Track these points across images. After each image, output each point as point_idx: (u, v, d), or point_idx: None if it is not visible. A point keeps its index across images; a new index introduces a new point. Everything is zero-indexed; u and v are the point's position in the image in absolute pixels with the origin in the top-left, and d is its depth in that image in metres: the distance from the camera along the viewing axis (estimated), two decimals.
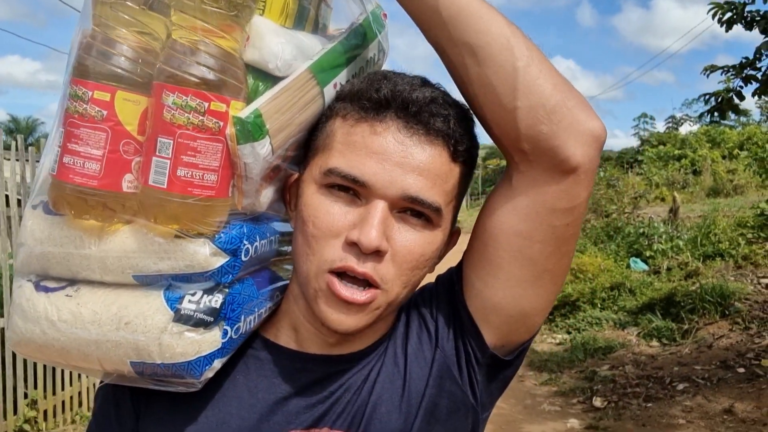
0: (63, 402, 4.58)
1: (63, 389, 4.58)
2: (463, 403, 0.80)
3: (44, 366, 4.33)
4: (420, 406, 0.77)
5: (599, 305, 7.53)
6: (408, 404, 0.77)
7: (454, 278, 0.82)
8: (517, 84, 0.68)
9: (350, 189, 0.70)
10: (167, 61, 0.64)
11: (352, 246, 0.69)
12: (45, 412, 4.37)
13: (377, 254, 0.69)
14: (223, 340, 0.70)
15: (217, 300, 0.69)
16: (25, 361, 4.19)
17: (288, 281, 0.83)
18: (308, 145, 0.76)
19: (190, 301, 0.68)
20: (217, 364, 0.71)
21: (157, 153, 0.64)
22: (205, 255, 0.67)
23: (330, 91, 0.75)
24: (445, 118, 0.71)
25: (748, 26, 4.36)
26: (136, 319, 0.67)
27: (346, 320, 0.71)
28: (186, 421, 0.76)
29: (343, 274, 0.70)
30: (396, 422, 0.77)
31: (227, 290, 0.70)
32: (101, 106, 0.64)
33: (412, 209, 0.71)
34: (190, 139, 0.64)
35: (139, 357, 0.68)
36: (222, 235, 0.68)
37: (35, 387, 4.31)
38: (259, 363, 0.79)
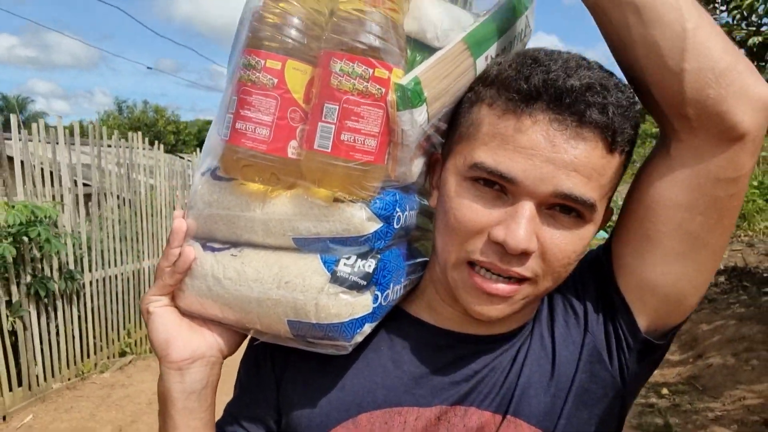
0: (146, 335, 5.85)
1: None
2: (613, 388, 0.77)
3: (134, 304, 5.91)
4: (570, 391, 0.75)
5: None
6: (557, 387, 0.75)
7: (602, 258, 0.79)
8: (686, 45, 0.64)
9: (496, 184, 0.68)
10: (336, 29, 0.66)
11: (497, 245, 0.67)
12: (136, 341, 5.93)
13: (524, 255, 0.67)
14: (374, 305, 0.72)
15: (370, 265, 0.71)
16: (123, 301, 5.77)
17: (427, 258, 0.83)
18: (452, 126, 0.75)
19: (345, 264, 0.70)
20: (367, 328, 0.72)
21: (323, 118, 0.67)
22: (361, 219, 0.69)
23: (482, 63, 0.75)
24: (603, 107, 0.66)
25: None
26: (296, 279, 0.70)
27: (489, 310, 0.71)
28: (331, 386, 0.79)
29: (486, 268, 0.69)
30: (545, 405, 0.75)
31: (379, 256, 0.72)
32: (272, 74, 0.68)
33: (562, 205, 0.68)
34: (355, 104, 0.66)
35: (297, 316, 0.70)
36: (377, 201, 0.70)
37: (129, 321, 5.89)
38: (403, 336, 0.80)
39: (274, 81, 0.68)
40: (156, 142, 6.64)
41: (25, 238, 4.17)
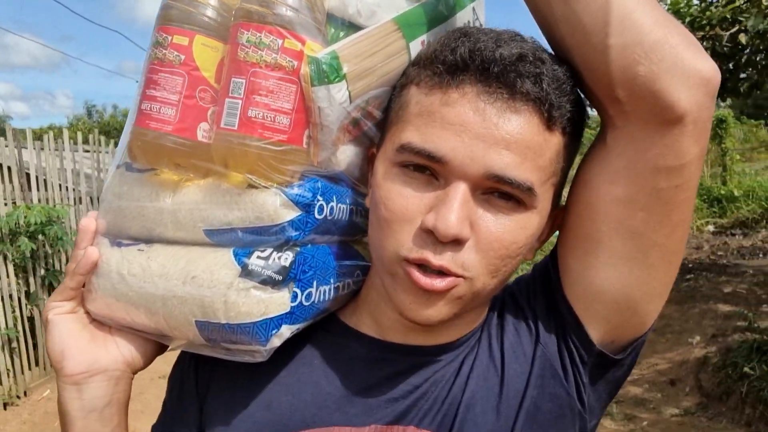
0: None
1: None
2: (570, 408, 0.67)
3: None
4: (520, 408, 0.66)
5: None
6: (507, 405, 0.66)
7: (549, 265, 0.71)
8: (610, 18, 0.57)
9: (426, 168, 0.61)
10: (245, 0, 0.62)
11: (428, 233, 0.60)
12: None
13: (456, 242, 0.60)
14: (293, 304, 0.64)
15: (287, 258, 0.63)
16: None
17: (368, 263, 0.76)
18: (386, 115, 0.69)
19: (258, 257, 0.63)
20: (286, 331, 0.64)
21: (230, 94, 0.61)
22: (275, 206, 0.62)
23: (417, 48, 0.70)
24: (536, 77, 0.59)
25: None
26: (203, 274, 0.63)
27: (426, 311, 0.62)
28: (257, 404, 0.70)
29: (421, 265, 0.62)
30: (493, 425, 0.65)
31: (299, 249, 0.64)
32: (179, 51, 0.63)
33: (499, 190, 0.60)
34: (263, 77, 0.60)
35: (204, 315, 0.63)
36: (295, 186, 0.63)
37: None
38: (337, 349, 0.72)
39: (181, 57, 0.63)
40: None
41: (41, 236, 4.76)
